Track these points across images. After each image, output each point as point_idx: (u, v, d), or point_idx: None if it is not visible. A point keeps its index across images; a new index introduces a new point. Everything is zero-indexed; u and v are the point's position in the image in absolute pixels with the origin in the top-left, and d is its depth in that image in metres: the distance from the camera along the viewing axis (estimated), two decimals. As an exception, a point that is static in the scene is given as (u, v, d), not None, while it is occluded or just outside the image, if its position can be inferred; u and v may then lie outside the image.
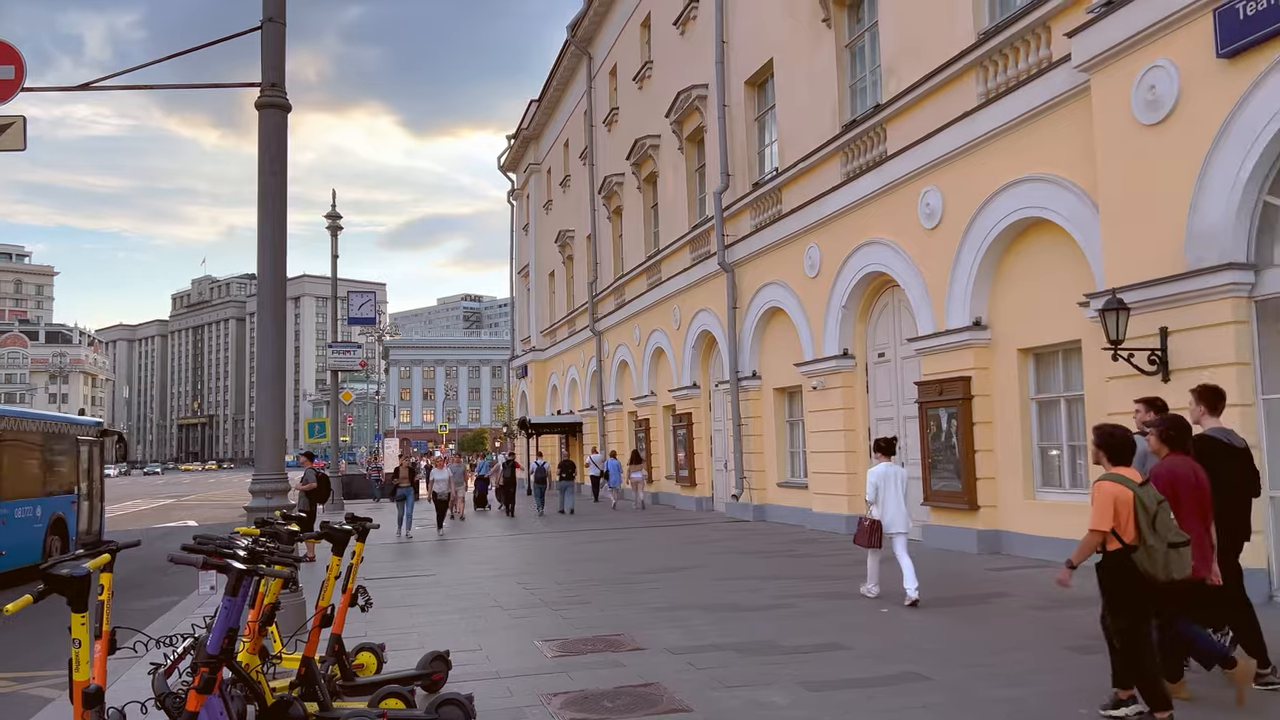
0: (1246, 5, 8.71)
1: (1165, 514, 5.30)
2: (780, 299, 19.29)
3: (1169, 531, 5.25)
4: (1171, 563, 5.22)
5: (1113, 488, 5.31)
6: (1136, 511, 5.26)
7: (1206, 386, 6.71)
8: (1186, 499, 5.71)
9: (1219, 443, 6.28)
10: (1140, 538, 5.25)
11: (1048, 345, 12.50)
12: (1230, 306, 9.13)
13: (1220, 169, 9.14)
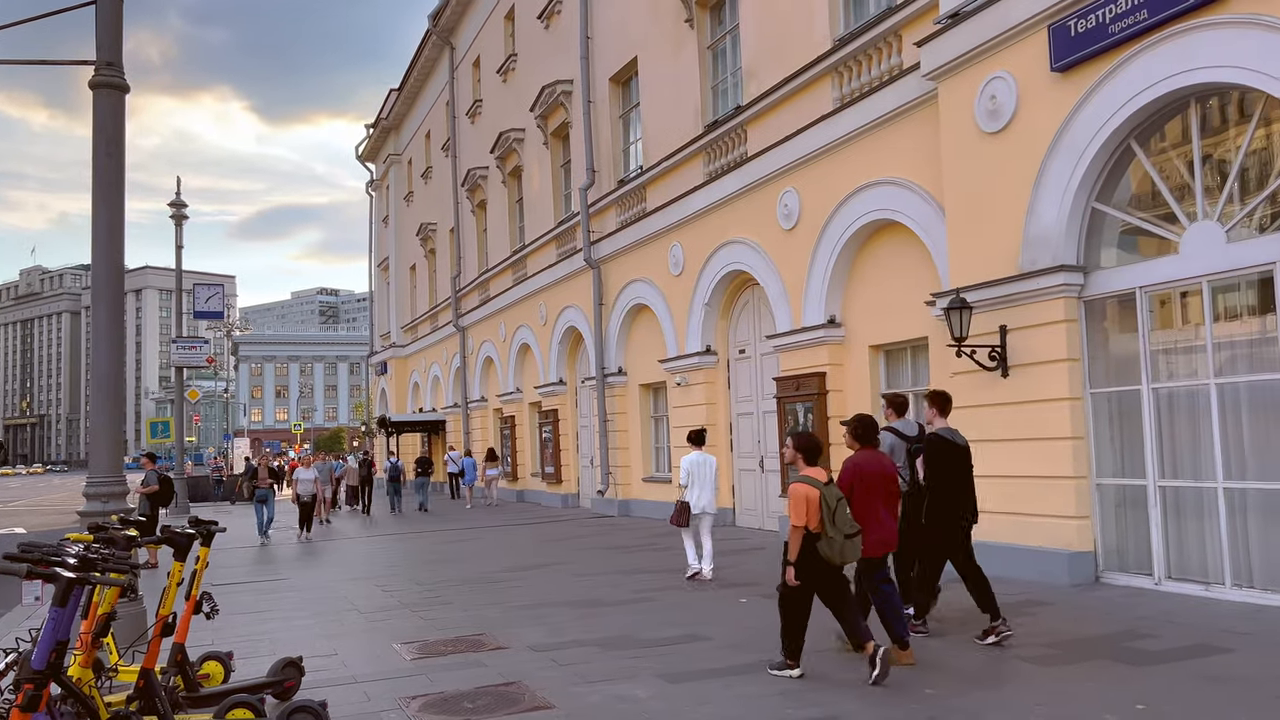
0: (1077, 23, 9.30)
1: (843, 509, 6.35)
2: (646, 296, 19.46)
3: (846, 524, 6.32)
4: (847, 550, 6.30)
5: (803, 488, 6.31)
6: (821, 507, 6.25)
7: (937, 391, 8.02)
8: (872, 488, 6.79)
9: (946, 440, 7.53)
10: (823, 528, 6.23)
11: (897, 342, 13.04)
12: (1062, 306, 9.73)
13: (1053, 176, 9.73)
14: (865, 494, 6.75)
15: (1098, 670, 6.32)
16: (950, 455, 7.46)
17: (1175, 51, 8.50)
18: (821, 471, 6.51)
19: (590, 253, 21.46)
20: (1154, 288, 9.20)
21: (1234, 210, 8.55)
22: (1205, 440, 8.72)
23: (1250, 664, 6.26)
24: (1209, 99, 8.80)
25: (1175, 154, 9.16)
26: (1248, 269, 8.35)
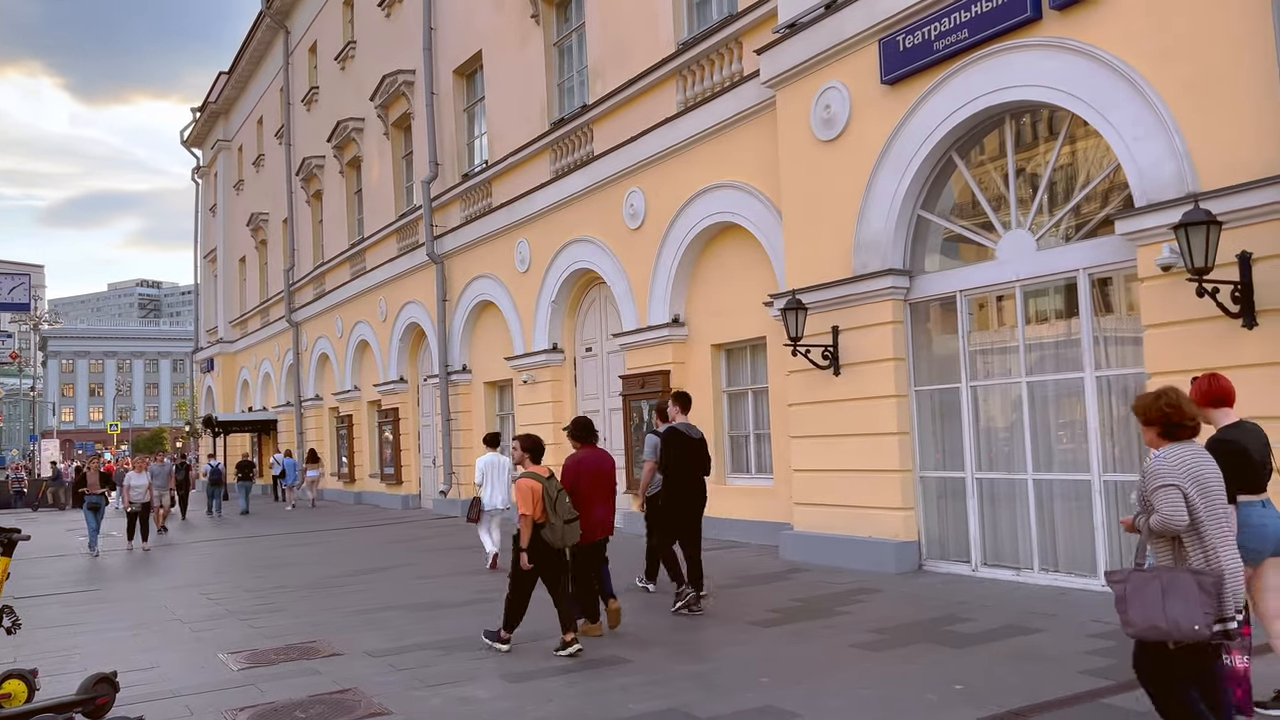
0: (905, 38, 9.79)
1: (563, 499, 7.30)
2: (491, 292, 19.23)
3: (565, 512, 7.26)
4: (566, 535, 7.25)
5: (528, 483, 7.15)
6: (544, 498, 7.11)
7: (679, 392, 9.32)
8: (592, 481, 7.80)
9: (680, 433, 8.76)
10: (546, 517, 7.10)
11: (738, 341, 13.38)
12: (890, 308, 10.22)
13: (883, 184, 10.21)
14: (587, 487, 7.75)
15: (920, 653, 6.67)
16: (683, 446, 8.70)
17: (993, 70, 9.07)
18: (545, 469, 7.50)
19: (433, 247, 21.03)
20: (973, 291, 9.79)
21: (1044, 221, 9.20)
22: (1017, 435, 9.34)
23: (1055, 642, 6.75)
24: (1023, 116, 9.43)
25: (993, 167, 9.77)
26: (1055, 275, 9.00)
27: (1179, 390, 4.25)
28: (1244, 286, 7.11)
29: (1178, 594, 3.87)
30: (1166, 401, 4.17)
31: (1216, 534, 4.00)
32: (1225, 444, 4.84)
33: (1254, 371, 7.11)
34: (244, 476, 25.86)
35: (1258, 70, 7.08)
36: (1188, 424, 4.14)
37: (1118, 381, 8.52)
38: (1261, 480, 5.01)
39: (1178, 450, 4.11)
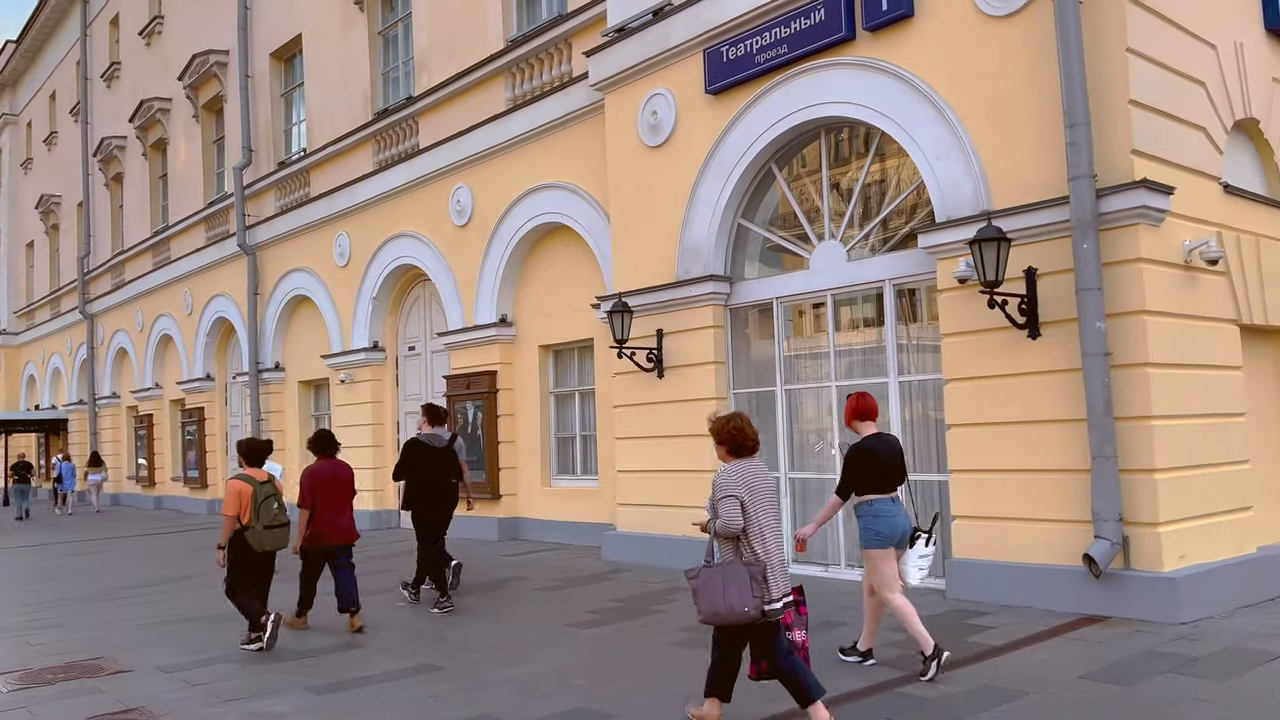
0: (729, 50, 10.03)
1: (269, 506, 7.50)
2: (308, 287, 18.41)
3: (269, 518, 7.48)
4: (265, 540, 7.48)
5: (237, 484, 7.49)
6: (251, 500, 7.40)
7: (429, 404, 9.67)
8: (326, 491, 8.19)
9: (422, 443, 9.23)
10: (250, 521, 7.39)
11: (566, 342, 13.35)
12: (711, 313, 10.45)
13: (706, 192, 10.42)
14: (323, 496, 8.16)
15: (733, 649, 6.82)
16: (425, 455, 9.18)
17: (810, 86, 9.42)
18: (261, 472, 7.72)
19: (245, 238, 19.95)
20: (788, 299, 10.14)
21: (854, 233, 9.63)
22: (827, 436, 9.74)
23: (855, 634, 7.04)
24: (838, 131, 9.84)
25: (809, 179, 10.15)
26: (864, 285, 9.44)
27: (744, 415, 5.20)
28: (1030, 299, 7.66)
29: (735, 584, 4.69)
30: (734, 425, 5.06)
31: (762, 533, 4.85)
32: (863, 451, 6.08)
33: (1037, 378, 7.69)
34: (20, 479, 23.73)
35: (1044, 98, 7.65)
36: (749, 443, 5.05)
37: (919, 386, 9.01)
38: (892, 481, 6.11)
39: (740, 465, 5.01)
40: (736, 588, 4.69)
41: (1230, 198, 8.25)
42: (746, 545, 4.84)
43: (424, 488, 9.16)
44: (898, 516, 6.06)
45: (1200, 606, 7.11)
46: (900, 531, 6.06)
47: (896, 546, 6.07)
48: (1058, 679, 5.73)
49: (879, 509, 6.02)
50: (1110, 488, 7.13)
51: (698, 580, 4.82)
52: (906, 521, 6.14)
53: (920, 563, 6.15)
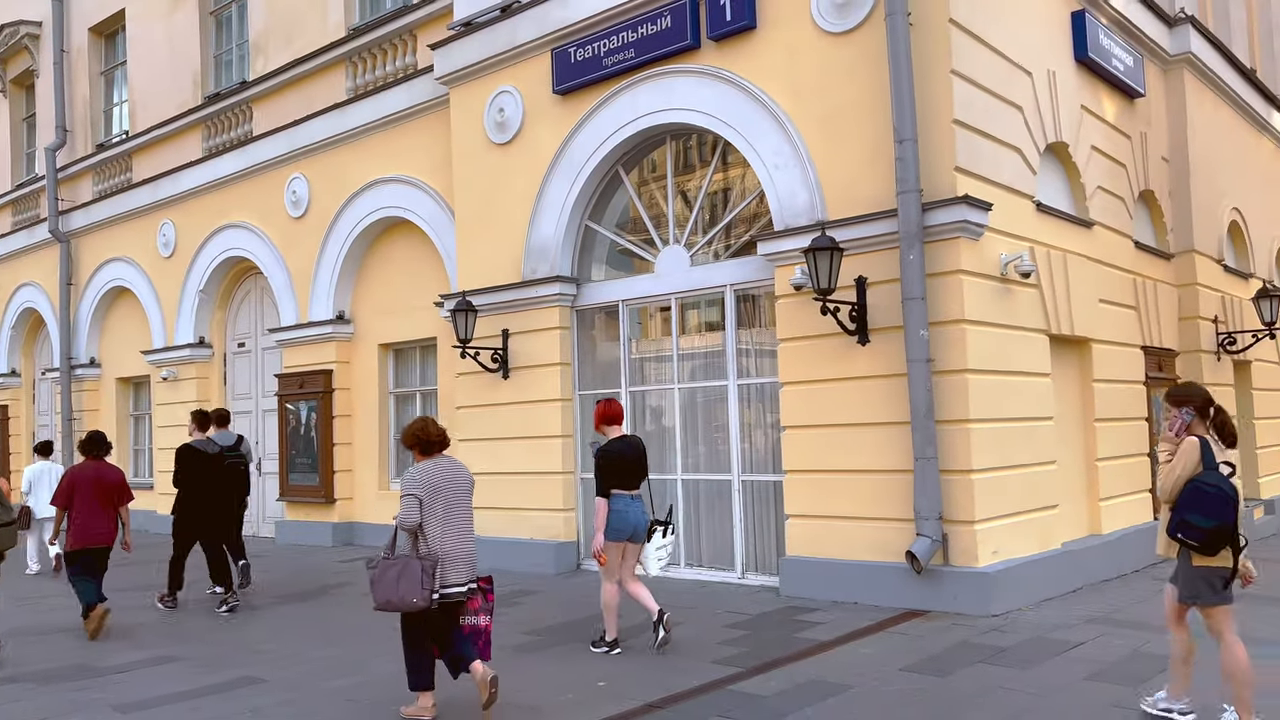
0: (577, 51, 10.01)
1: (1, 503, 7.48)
2: (128, 278, 17.25)
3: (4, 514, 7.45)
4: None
5: None
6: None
7: (197, 410, 9.90)
8: (87, 491, 8.18)
9: (194, 449, 9.37)
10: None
11: (407, 341, 13.00)
12: (557, 314, 10.40)
13: (554, 192, 10.37)
14: (80, 498, 8.15)
15: (569, 653, 6.80)
16: (196, 461, 9.31)
17: (657, 91, 9.51)
18: None
19: (58, 224, 18.52)
20: (634, 302, 10.21)
21: (698, 239, 9.78)
22: (669, 438, 9.86)
23: (694, 634, 7.16)
24: (685, 138, 9.98)
25: (655, 184, 10.25)
26: (706, 289, 9.61)
27: (430, 419, 5.55)
28: (860, 307, 7.98)
29: (407, 576, 5.10)
30: (416, 428, 5.45)
31: (440, 529, 5.25)
32: (608, 453, 6.67)
33: (866, 382, 8.01)
34: None
35: (876, 114, 7.99)
36: (434, 442, 5.43)
37: (756, 389, 9.24)
38: (634, 480, 6.69)
39: (426, 465, 5.39)
40: (408, 579, 5.10)
41: (1042, 215, 8.83)
42: (423, 540, 5.23)
43: (193, 495, 9.29)
44: (631, 512, 6.63)
45: (1010, 599, 7.57)
46: (635, 526, 6.64)
47: (631, 540, 6.68)
48: (880, 672, 5.97)
49: (616, 505, 6.60)
50: (931, 487, 7.50)
51: (375, 571, 5.22)
52: (644, 517, 6.72)
53: (659, 553, 6.84)
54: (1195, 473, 4.77)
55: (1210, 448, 4.83)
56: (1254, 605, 7.88)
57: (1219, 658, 4.83)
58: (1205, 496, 4.67)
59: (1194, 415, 4.90)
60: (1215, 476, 4.72)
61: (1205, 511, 4.65)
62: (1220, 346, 11.66)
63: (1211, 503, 4.65)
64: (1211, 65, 11.97)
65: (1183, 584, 4.92)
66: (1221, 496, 4.65)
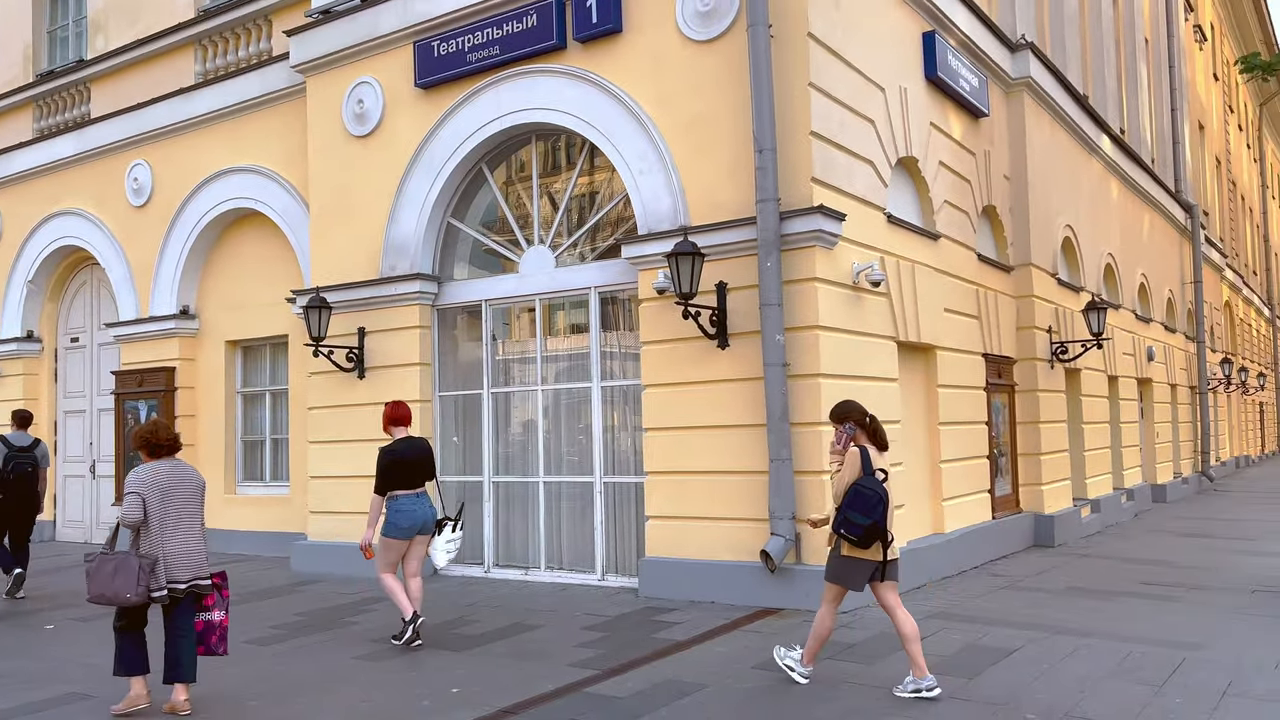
0: (440, 45, 9.83)
1: None
2: (-56, 266, 15.91)
3: None
4: None
5: None
6: None
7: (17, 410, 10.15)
8: None
9: None
10: None
11: (257, 338, 12.47)
12: (417, 312, 10.17)
13: (415, 187, 10.14)
14: None
15: (425, 659, 6.65)
16: None
17: (522, 90, 9.43)
18: None
19: None
20: (497, 302, 10.09)
21: (563, 240, 9.75)
22: (532, 440, 9.78)
23: (552, 638, 7.12)
24: (552, 138, 9.92)
25: (521, 183, 10.17)
26: (571, 291, 9.58)
27: (162, 423, 5.82)
28: (720, 312, 8.11)
29: (124, 572, 5.30)
30: (146, 431, 5.63)
31: (163, 529, 5.42)
32: (389, 453, 7.01)
33: (726, 385, 8.15)
34: None
35: (737, 123, 8.14)
36: (163, 444, 5.61)
37: (620, 392, 9.27)
38: (417, 480, 7.02)
39: (152, 465, 5.55)
40: (124, 575, 5.29)
41: (892, 227, 9.19)
42: (145, 538, 5.40)
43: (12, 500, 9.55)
44: (418, 510, 6.98)
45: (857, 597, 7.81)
46: (421, 522, 7.00)
47: (420, 533, 7.03)
48: (733, 671, 6.07)
49: (401, 504, 6.94)
50: (785, 488, 7.70)
51: (92, 565, 5.42)
52: (430, 513, 7.08)
53: (448, 547, 7.16)
54: (858, 477, 5.44)
55: (869, 456, 5.52)
56: (1073, 598, 8.43)
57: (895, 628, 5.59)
58: (863, 498, 5.37)
59: (856, 429, 5.61)
60: (872, 481, 5.42)
61: (863, 510, 5.36)
62: (1054, 355, 12.41)
63: (868, 503, 5.36)
64: (1049, 90, 12.75)
65: (832, 570, 5.64)
66: (875, 498, 5.36)
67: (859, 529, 5.36)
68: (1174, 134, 20.68)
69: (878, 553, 5.46)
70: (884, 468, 5.54)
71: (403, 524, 6.94)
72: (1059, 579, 9.38)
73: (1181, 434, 20.19)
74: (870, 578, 5.52)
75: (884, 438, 5.69)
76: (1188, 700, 5.32)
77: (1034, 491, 11.85)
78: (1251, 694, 5.42)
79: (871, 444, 5.60)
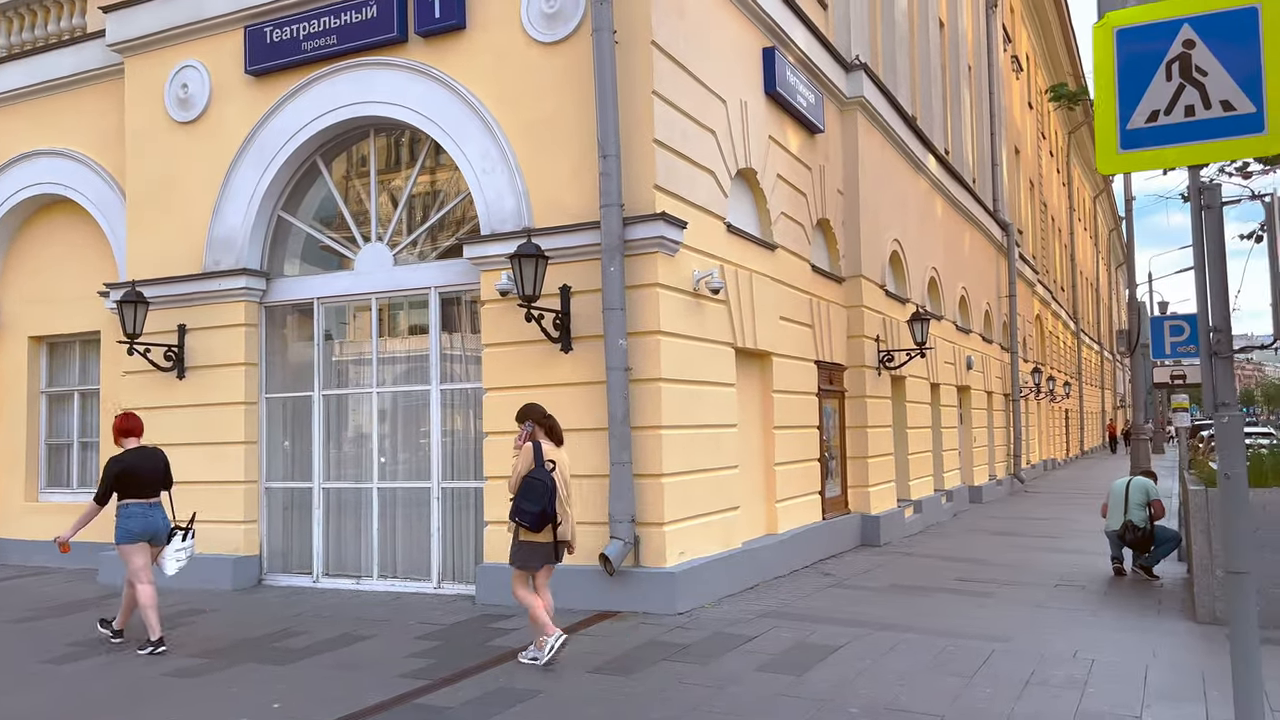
0: (273, 31, 9.39)
1: None
2: None
3: None
4: None
5: None
6: None
7: None
8: None
9: None
10: None
11: (65, 334, 11.59)
12: (243, 309, 9.68)
13: (243, 178, 9.65)
14: None
15: (243, 674, 6.30)
16: None
17: (360, 82, 9.13)
18: None
19: None
20: (330, 300, 9.72)
21: (402, 238, 9.49)
22: (366, 445, 9.47)
23: (383, 648, 6.89)
24: (394, 133, 9.64)
25: (357, 177, 9.83)
26: (410, 291, 9.34)
27: None
28: (564, 315, 8.07)
29: None
30: None
31: None
32: (118, 462, 7.05)
33: (570, 389, 8.11)
34: None
35: (582, 127, 8.12)
36: None
37: (461, 395, 9.09)
38: (150, 490, 7.08)
39: None
40: None
41: (732, 236, 9.40)
42: None
43: None
44: (150, 517, 7.04)
45: (695, 597, 7.96)
46: (154, 530, 7.05)
47: (153, 543, 7.07)
48: (569, 675, 6.03)
49: (131, 510, 6.99)
50: (625, 491, 7.73)
51: None
52: (163, 523, 7.12)
53: (177, 555, 7.15)
54: (530, 469, 6.06)
55: (541, 450, 6.14)
56: (895, 595, 8.84)
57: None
58: (533, 488, 6.01)
59: (534, 426, 6.28)
60: (541, 472, 6.05)
61: (532, 499, 6.01)
62: (881, 363, 13.00)
63: (536, 492, 6.00)
64: (880, 109, 13.36)
65: (515, 555, 6.20)
66: (543, 487, 6.01)
67: (531, 516, 5.99)
68: (993, 157, 22.09)
69: (549, 535, 6.12)
70: (554, 459, 6.15)
71: (133, 529, 6.97)
72: (883, 577, 9.81)
73: (996, 438, 21.55)
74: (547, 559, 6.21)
75: (560, 435, 6.40)
76: (995, 690, 5.64)
77: (861, 493, 12.37)
78: (1051, 682, 5.80)
79: (548, 440, 6.26)
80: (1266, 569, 7.11)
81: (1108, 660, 6.29)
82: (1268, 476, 7.68)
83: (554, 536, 6.15)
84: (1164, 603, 8.37)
